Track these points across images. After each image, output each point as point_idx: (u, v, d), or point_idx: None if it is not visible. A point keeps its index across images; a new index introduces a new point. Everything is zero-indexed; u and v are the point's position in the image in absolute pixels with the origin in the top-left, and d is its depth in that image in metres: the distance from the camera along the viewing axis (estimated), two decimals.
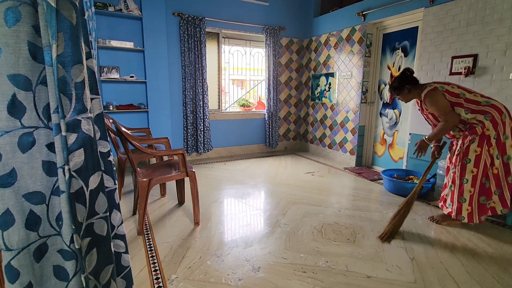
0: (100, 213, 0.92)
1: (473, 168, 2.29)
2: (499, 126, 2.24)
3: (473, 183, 2.31)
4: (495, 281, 1.75)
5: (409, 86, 2.39)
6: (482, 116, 2.25)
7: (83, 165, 0.85)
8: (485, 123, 2.24)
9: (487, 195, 2.32)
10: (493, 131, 2.24)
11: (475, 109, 2.26)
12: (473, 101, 2.28)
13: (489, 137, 2.24)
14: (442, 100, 2.28)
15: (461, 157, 2.33)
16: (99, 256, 0.93)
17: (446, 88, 2.31)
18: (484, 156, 2.26)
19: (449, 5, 3.02)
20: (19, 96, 0.77)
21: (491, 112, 2.24)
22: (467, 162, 2.31)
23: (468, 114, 2.28)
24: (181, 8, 4.23)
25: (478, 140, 2.26)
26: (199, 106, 4.46)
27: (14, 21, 0.74)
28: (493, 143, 2.24)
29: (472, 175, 2.30)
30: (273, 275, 1.79)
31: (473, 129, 2.28)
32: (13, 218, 0.79)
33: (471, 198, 2.33)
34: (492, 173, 2.29)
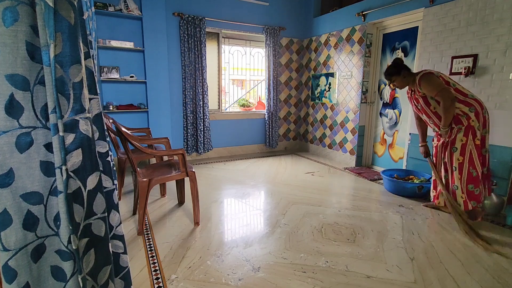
0: (98, 213, 0.92)
1: (459, 156, 2.43)
2: (481, 119, 2.38)
3: (460, 171, 2.44)
4: (495, 281, 1.75)
5: (404, 72, 2.53)
6: (467, 108, 2.38)
7: (81, 165, 0.85)
8: (469, 115, 2.37)
9: (475, 183, 2.43)
10: (477, 123, 2.37)
11: (461, 99, 2.39)
12: (461, 92, 2.41)
13: (474, 128, 2.37)
14: (438, 80, 2.39)
15: (449, 146, 2.48)
16: (97, 257, 0.93)
17: (440, 74, 2.46)
18: (469, 146, 2.39)
19: (449, 5, 3.01)
20: (17, 96, 0.77)
21: (475, 105, 2.37)
22: (454, 151, 2.45)
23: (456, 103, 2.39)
24: (181, 8, 4.23)
25: (464, 130, 2.39)
26: (199, 106, 4.46)
27: (12, 20, 0.74)
28: (478, 134, 2.37)
29: (459, 162, 2.44)
30: (273, 275, 1.79)
31: (458, 120, 2.41)
32: (10, 218, 0.79)
33: (461, 186, 2.46)
34: (480, 162, 2.42)
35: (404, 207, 2.87)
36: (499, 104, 2.70)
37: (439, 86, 2.36)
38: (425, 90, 2.44)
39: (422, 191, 3.06)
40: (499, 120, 2.70)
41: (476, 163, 2.40)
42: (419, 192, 3.06)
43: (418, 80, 2.46)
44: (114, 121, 2.88)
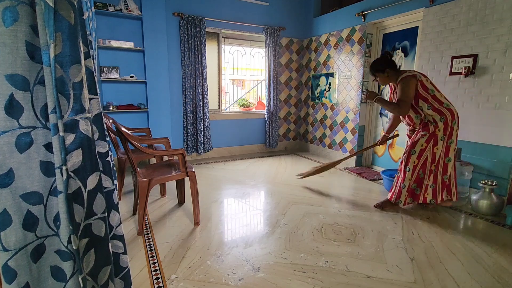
0: (98, 213, 0.92)
1: (415, 159, 2.58)
2: (448, 130, 2.50)
3: (413, 172, 2.60)
4: (495, 281, 1.75)
5: (389, 70, 2.56)
6: (439, 117, 2.49)
7: (81, 165, 0.85)
8: (438, 124, 2.49)
9: (418, 183, 2.63)
10: (443, 133, 2.50)
11: (436, 108, 2.49)
12: (438, 100, 2.49)
13: (437, 138, 2.51)
14: (411, 90, 2.46)
15: (409, 148, 2.60)
16: (97, 257, 0.93)
17: (422, 78, 2.49)
18: (427, 153, 2.55)
19: (449, 5, 3.01)
20: (16, 96, 0.76)
21: (446, 116, 2.48)
22: (412, 153, 2.58)
23: (429, 111, 2.49)
24: (181, 8, 4.23)
25: (427, 137, 2.52)
26: (199, 106, 4.45)
27: (12, 20, 0.74)
28: (439, 144, 2.51)
29: (413, 165, 2.59)
30: (273, 275, 1.79)
31: (426, 126, 2.53)
32: (10, 218, 0.79)
33: (409, 186, 2.64)
34: (430, 169, 2.58)
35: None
36: (499, 104, 2.70)
37: (405, 96, 2.46)
38: (397, 90, 2.55)
39: None
40: (499, 120, 2.71)
41: (427, 169, 2.58)
42: None
43: (398, 82, 2.53)
44: (114, 121, 2.88)
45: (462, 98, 2.98)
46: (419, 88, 2.47)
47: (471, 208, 2.80)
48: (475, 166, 2.89)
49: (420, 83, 2.47)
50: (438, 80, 3.17)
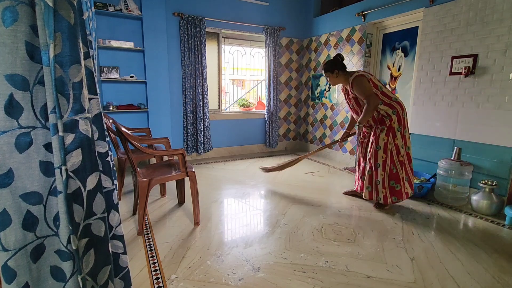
0: (97, 213, 0.92)
1: (383, 154, 2.64)
2: (401, 121, 2.61)
3: (383, 167, 2.65)
4: (495, 281, 1.75)
5: (337, 71, 2.68)
6: (391, 110, 2.60)
7: (81, 165, 0.85)
8: (392, 117, 2.60)
9: (395, 179, 2.66)
10: (397, 125, 2.61)
11: (387, 102, 2.60)
12: (387, 95, 2.61)
13: (394, 129, 2.61)
14: (367, 84, 2.57)
15: (374, 145, 2.67)
16: (96, 257, 0.93)
17: (370, 77, 2.62)
18: (390, 145, 2.62)
19: (449, 5, 3.01)
20: (16, 96, 0.76)
21: (397, 108, 2.61)
22: (378, 149, 2.65)
23: (382, 106, 2.60)
24: (181, 8, 4.23)
25: (386, 131, 2.62)
26: (199, 106, 4.45)
27: (12, 20, 0.74)
28: (398, 135, 2.62)
29: (382, 160, 2.65)
30: (273, 275, 1.79)
31: (382, 121, 2.64)
32: (10, 218, 0.79)
33: (384, 181, 2.67)
34: (399, 160, 2.64)
35: (404, 207, 2.87)
36: (499, 104, 2.70)
37: (367, 91, 2.55)
38: (356, 92, 2.61)
39: (422, 191, 3.06)
40: (499, 120, 2.70)
41: (396, 161, 2.64)
42: (419, 192, 3.06)
43: (351, 82, 2.61)
44: (114, 121, 2.88)
45: (462, 98, 2.98)
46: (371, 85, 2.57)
47: (471, 208, 2.80)
48: (475, 166, 2.89)
49: (370, 81, 2.58)
50: (438, 80, 3.18)
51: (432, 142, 3.29)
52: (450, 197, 2.94)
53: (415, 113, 3.45)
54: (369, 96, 2.54)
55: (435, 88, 3.22)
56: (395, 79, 3.89)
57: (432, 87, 3.25)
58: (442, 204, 2.96)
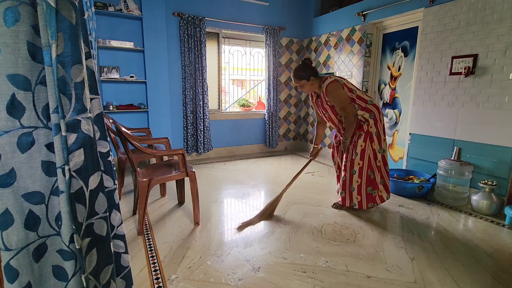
0: (100, 213, 0.92)
1: (359, 161, 2.56)
2: (378, 124, 2.55)
3: (360, 174, 2.58)
4: (495, 281, 1.75)
5: (313, 78, 2.50)
6: (368, 114, 2.53)
7: (83, 165, 0.85)
8: (369, 121, 2.52)
9: (373, 186, 2.62)
10: (375, 129, 2.54)
11: (363, 107, 2.52)
12: (362, 99, 2.52)
13: (372, 134, 2.54)
14: (343, 92, 2.46)
15: (352, 152, 2.58)
16: (99, 256, 0.93)
17: (343, 81, 2.51)
18: (368, 151, 2.55)
19: (449, 5, 3.02)
20: (18, 96, 0.77)
21: (374, 111, 2.53)
22: (355, 156, 2.56)
23: (358, 111, 2.51)
24: (181, 8, 4.23)
25: (364, 136, 2.52)
26: (199, 106, 4.46)
27: (13, 21, 0.74)
28: (375, 139, 2.55)
29: (359, 167, 2.57)
30: (273, 275, 1.79)
31: (360, 127, 2.54)
32: (12, 218, 0.79)
33: (359, 188, 2.61)
34: (376, 165, 2.60)
35: (404, 207, 2.87)
36: (499, 104, 2.70)
37: (343, 101, 2.45)
38: (331, 100, 2.50)
39: (422, 191, 3.06)
40: (499, 120, 2.71)
41: (373, 166, 2.59)
42: (419, 192, 3.06)
43: (325, 89, 2.48)
44: (114, 121, 2.88)
45: (462, 98, 2.98)
46: (346, 92, 2.47)
47: (471, 208, 2.81)
48: (475, 166, 2.90)
49: (344, 86, 2.47)
50: (438, 80, 3.18)
51: (432, 142, 3.30)
52: (450, 197, 2.94)
53: (415, 113, 3.46)
54: (346, 105, 2.45)
55: (435, 88, 3.22)
56: (395, 79, 3.89)
57: (432, 87, 3.25)
58: (442, 204, 2.96)
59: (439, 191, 3.03)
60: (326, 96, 2.51)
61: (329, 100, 2.51)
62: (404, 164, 3.67)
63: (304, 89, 2.58)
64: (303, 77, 2.49)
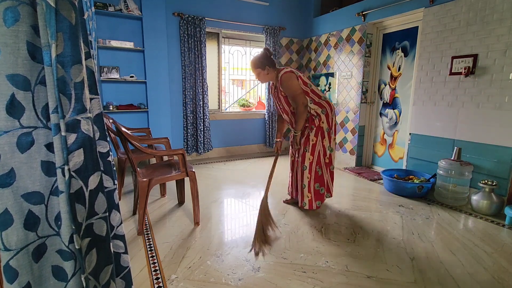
0: (99, 213, 0.92)
1: (310, 156, 2.54)
2: (330, 120, 2.55)
3: (310, 169, 2.57)
4: (495, 281, 1.75)
5: (268, 67, 2.47)
6: (320, 109, 2.52)
7: (83, 165, 0.85)
8: (321, 116, 2.52)
9: (320, 182, 2.62)
10: (326, 125, 2.54)
11: (316, 101, 2.51)
12: (316, 94, 2.52)
13: (323, 130, 2.54)
14: (296, 82, 2.44)
15: (303, 146, 2.56)
16: (98, 257, 0.93)
17: (299, 74, 2.49)
18: (318, 146, 2.55)
19: (449, 5, 3.02)
20: (18, 96, 0.77)
21: (326, 108, 2.53)
22: (306, 150, 2.55)
23: (312, 104, 2.50)
24: (181, 8, 4.23)
25: (315, 131, 2.52)
26: (199, 106, 4.45)
27: (13, 21, 0.74)
28: (326, 136, 2.56)
29: (309, 161, 2.55)
30: (273, 275, 1.79)
31: (312, 121, 2.53)
32: (11, 218, 0.79)
33: (309, 184, 2.59)
34: (324, 162, 2.61)
35: (404, 207, 2.87)
36: (499, 104, 2.70)
37: (295, 90, 2.43)
38: (284, 90, 2.48)
39: (422, 191, 3.06)
40: (499, 120, 2.71)
41: (322, 163, 2.59)
42: (419, 192, 3.06)
43: (280, 78, 2.46)
44: (114, 121, 2.88)
45: (462, 98, 2.98)
46: (300, 83, 2.45)
47: (471, 208, 2.81)
48: (475, 166, 2.89)
49: (299, 78, 2.45)
50: (438, 80, 3.18)
51: (432, 142, 3.30)
52: (450, 197, 2.94)
53: (415, 113, 3.46)
54: (297, 95, 2.43)
55: (435, 88, 3.22)
56: (395, 79, 3.89)
57: (432, 87, 3.25)
58: (442, 204, 2.96)
59: (439, 191, 3.03)
60: (280, 86, 2.49)
61: (283, 90, 2.49)
62: (404, 164, 3.67)
63: (259, 78, 2.56)
64: (258, 66, 2.47)
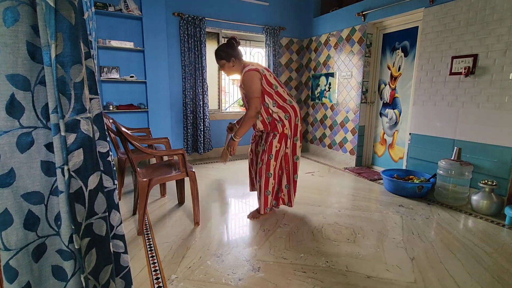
0: (99, 213, 0.92)
1: (274, 162, 2.44)
2: (292, 127, 2.42)
3: (274, 176, 2.48)
4: (495, 281, 1.75)
5: (234, 59, 2.34)
6: (284, 114, 2.38)
7: (82, 165, 0.85)
8: (284, 122, 2.38)
9: (279, 185, 2.57)
10: (290, 131, 2.42)
11: (280, 105, 2.37)
12: (281, 96, 2.38)
13: (287, 136, 2.42)
14: (257, 84, 2.29)
15: (267, 154, 2.42)
16: (98, 256, 0.93)
17: (265, 73, 2.33)
18: (281, 153, 2.45)
19: (449, 5, 3.02)
20: (17, 96, 0.77)
21: (290, 113, 2.39)
22: (270, 158, 2.42)
23: (275, 108, 2.36)
24: (181, 8, 4.23)
25: (279, 137, 2.40)
26: (199, 106, 4.45)
27: (13, 21, 0.74)
28: (289, 143, 2.45)
29: (273, 168, 2.45)
30: (273, 275, 1.79)
31: (275, 126, 2.40)
32: (11, 218, 0.79)
33: (273, 190, 2.52)
34: (285, 169, 2.52)
35: (404, 207, 2.87)
36: (499, 104, 2.70)
37: (254, 92, 2.28)
38: (244, 88, 2.35)
39: (422, 191, 3.06)
40: (499, 120, 2.71)
41: (283, 168, 2.51)
42: (419, 192, 3.06)
43: (243, 75, 2.32)
44: (114, 121, 2.88)
45: (462, 98, 2.98)
46: (264, 84, 2.30)
47: (471, 208, 2.81)
48: (475, 166, 2.89)
49: (264, 77, 2.31)
50: (438, 80, 3.18)
51: (432, 142, 3.30)
52: (450, 197, 2.94)
53: (415, 113, 3.46)
54: (253, 98, 2.27)
55: (435, 88, 3.22)
56: (395, 79, 3.89)
57: (432, 87, 3.25)
58: (442, 204, 2.96)
59: (439, 191, 3.03)
60: (242, 82, 2.36)
61: (243, 87, 2.35)
62: (404, 164, 3.67)
63: (224, 71, 2.43)
64: (223, 57, 2.33)
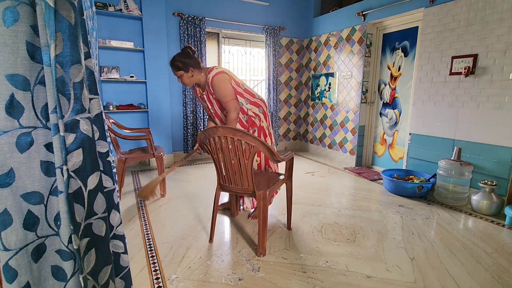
0: (98, 213, 0.92)
1: (257, 157, 2.48)
2: (267, 119, 2.51)
3: None
4: (495, 281, 1.75)
5: (193, 69, 2.26)
6: (257, 109, 2.45)
7: (82, 165, 0.85)
8: (260, 116, 2.46)
9: None
10: (265, 123, 2.50)
11: (252, 101, 2.42)
12: (250, 93, 2.44)
13: (264, 128, 2.49)
14: (229, 86, 2.30)
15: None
16: (97, 257, 0.93)
17: (231, 74, 2.37)
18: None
19: (449, 5, 3.01)
20: (17, 96, 0.77)
21: (262, 106, 2.48)
22: None
23: (248, 105, 2.41)
24: (181, 8, 4.23)
25: (257, 131, 2.46)
26: (199, 106, 4.45)
27: (12, 21, 0.74)
28: (267, 133, 2.51)
29: (257, 163, 2.49)
30: (273, 275, 1.79)
31: (253, 122, 2.45)
32: (11, 218, 0.79)
33: None
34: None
35: (404, 207, 2.87)
36: (499, 104, 2.70)
37: (229, 95, 2.27)
38: (217, 94, 2.29)
39: (422, 191, 3.06)
40: (499, 120, 2.71)
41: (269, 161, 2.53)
42: (419, 192, 3.06)
43: (211, 80, 2.28)
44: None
45: (462, 98, 2.98)
46: (233, 84, 2.31)
47: (471, 208, 2.81)
48: (475, 166, 2.89)
49: (232, 78, 2.32)
50: (438, 80, 3.18)
51: (432, 142, 3.29)
52: (450, 197, 2.94)
53: (415, 113, 3.46)
54: (229, 101, 2.26)
55: (435, 88, 3.22)
56: (395, 79, 3.89)
57: (432, 87, 3.25)
58: (442, 204, 2.96)
59: (439, 191, 3.03)
60: (212, 88, 2.30)
61: (214, 93, 2.31)
62: (404, 164, 3.67)
63: (183, 81, 2.31)
64: (180, 68, 2.23)
